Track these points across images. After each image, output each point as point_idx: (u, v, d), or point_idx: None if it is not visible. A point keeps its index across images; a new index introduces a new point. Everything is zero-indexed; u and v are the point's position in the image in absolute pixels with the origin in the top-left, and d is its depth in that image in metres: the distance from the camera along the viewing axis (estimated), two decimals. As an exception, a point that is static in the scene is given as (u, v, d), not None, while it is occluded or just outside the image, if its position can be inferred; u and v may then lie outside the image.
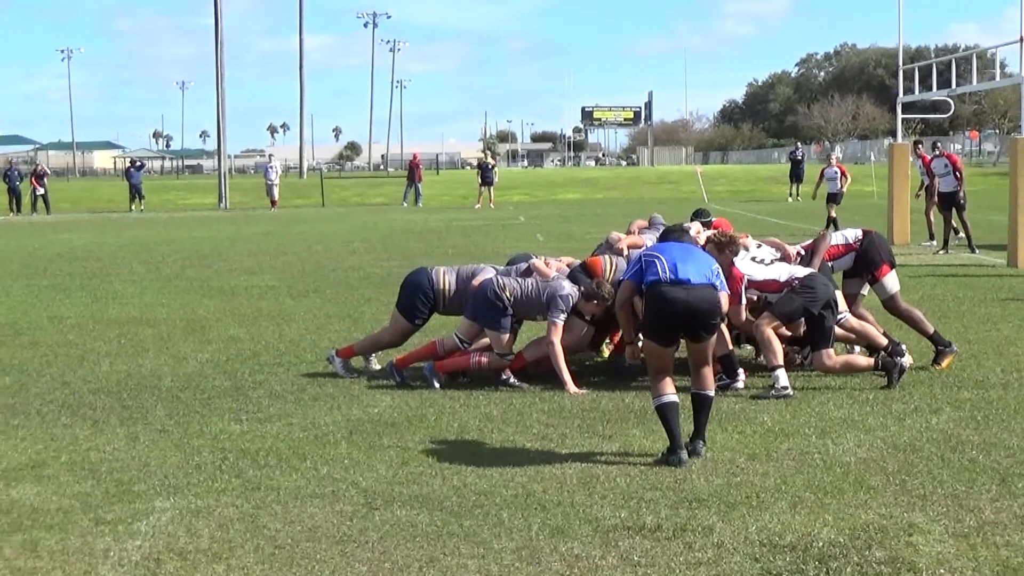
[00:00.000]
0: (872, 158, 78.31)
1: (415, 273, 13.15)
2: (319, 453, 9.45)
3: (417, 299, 12.83)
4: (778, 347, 11.47)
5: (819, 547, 7.04)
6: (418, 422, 10.55)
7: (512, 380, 12.04)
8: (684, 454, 8.99)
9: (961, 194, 27.59)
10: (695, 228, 12.59)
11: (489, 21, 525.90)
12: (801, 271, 11.74)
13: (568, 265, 12.85)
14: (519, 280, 12.21)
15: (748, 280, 11.66)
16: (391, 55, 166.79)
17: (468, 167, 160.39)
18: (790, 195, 57.62)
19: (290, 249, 31.29)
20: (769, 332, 11.46)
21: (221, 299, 19.97)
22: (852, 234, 13.01)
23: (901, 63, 32.94)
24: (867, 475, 8.56)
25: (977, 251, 26.58)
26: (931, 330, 12.72)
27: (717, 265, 9.61)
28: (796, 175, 57.88)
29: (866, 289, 12.97)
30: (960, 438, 9.58)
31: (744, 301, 11.71)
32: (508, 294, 11.99)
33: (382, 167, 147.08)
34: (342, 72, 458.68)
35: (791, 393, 11.19)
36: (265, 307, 18.75)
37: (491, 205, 56.36)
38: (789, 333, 12.03)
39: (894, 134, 31.73)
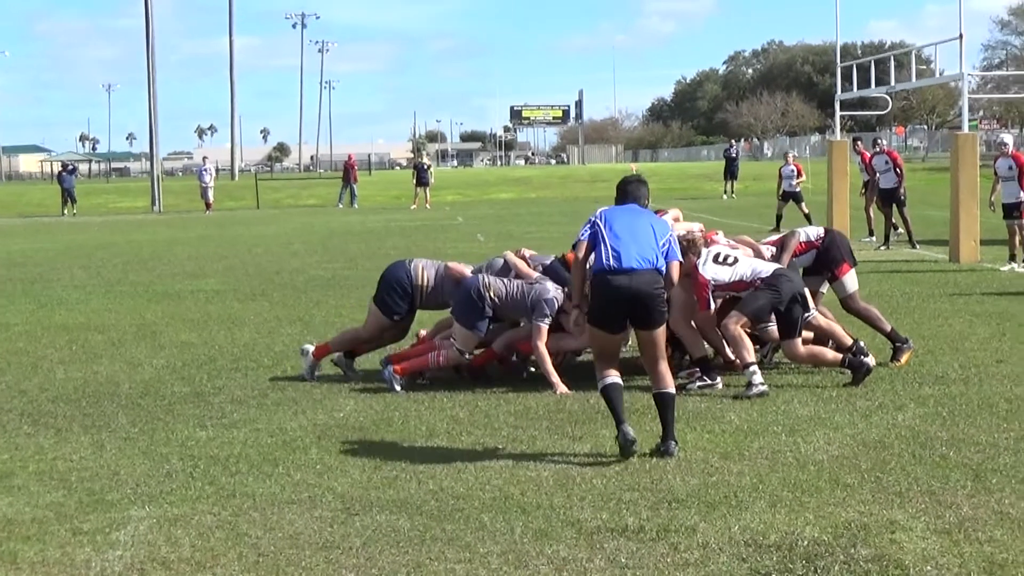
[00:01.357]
0: (808, 154, 78.78)
1: (393, 267, 12.93)
2: (290, 459, 9.39)
3: (394, 293, 12.69)
4: (748, 344, 11.50)
5: (804, 546, 7.07)
6: (385, 426, 10.51)
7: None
8: (628, 428, 9.16)
9: (902, 190, 27.85)
10: (672, 214, 12.63)
11: (415, 21, 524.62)
12: (766, 268, 11.72)
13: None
14: (505, 281, 12.13)
15: (716, 284, 11.64)
16: (319, 56, 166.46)
17: (398, 167, 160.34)
18: (724, 192, 57.88)
19: (230, 252, 31.07)
20: (737, 329, 11.48)
21: (168, 303, 19.80)
22: (814, 232, 13.09)
23: (839, 61, 33.22)
24: (842, 473, 8.61)
25: (918, 247, 26.81)
26: (888, 327, 12.81)
27: (667, 235, 9.54)
28: (730, 172, 58.10)
29: (825, 287, 13.03)
30: (928, 434, 9.65)
31: (713, 306, 11.72)
32: (492, 294, 11.90)
33: (312, 168, 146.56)
34: (269, 73, 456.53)
35: (767, 390, 11.20)
36: (214, 311, 18.61)
37: (427, 206, 56.22)
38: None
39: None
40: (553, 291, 11.94)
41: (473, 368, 12.37)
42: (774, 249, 12.61)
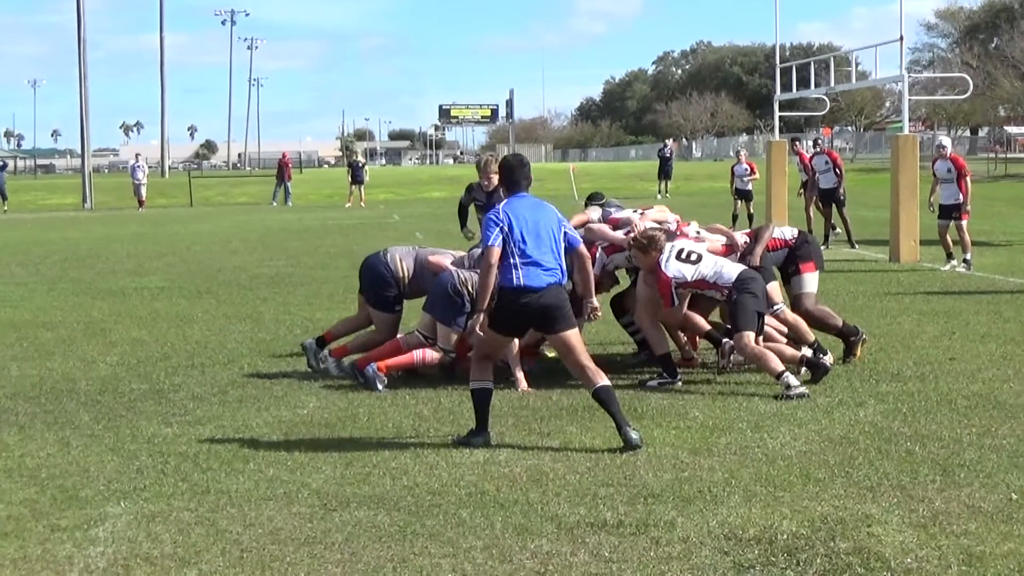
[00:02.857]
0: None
1: (372, 263, 12.86)
2: (260, 455, 9.38)
3: (384, 288, 12.67)
4: (771, 354, 11.47)
5: (784, 539, 7.16)
6: (351, 422, 10.53)
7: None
8: (489, 436, 9.58)
9: (841, 190, 28.12)
10: (636, 215, 12.78)
11: (344, 19, 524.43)
12: (731, 270, 11.74)
13: None
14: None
15: (678, 282, 11.69)
16: (248, 53, 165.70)
17: (327, 165, 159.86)
18: (659, 192, 58.13)
19: (169, 250, 30.89)
20: (754, 347, 11.45)
21: (113, 301, 19.68)
22: (789, 232, 13.12)
23: (778, 62, 33.49)
24: (811, 468, 8.71)
25: (857, 246, 27.06)
26: (839, 323, 12.83)
27: (562, 225, 9.78)
28: (664, 172, 58.45)
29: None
30: (892, 430, 9.78)
31: (677, 303, 11.80)
32: (471, 288, 11.87)
33: (240, 166, 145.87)
34: (196, 70, 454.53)
35: (806, 392, 11.13)
36: (161, 309, 18.52)
37: (362, 204, 56.10)
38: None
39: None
40: None
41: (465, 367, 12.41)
42: (747, 239, 12.61)
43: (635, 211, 13.06)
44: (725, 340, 12.09)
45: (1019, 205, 42.92)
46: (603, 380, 9.52)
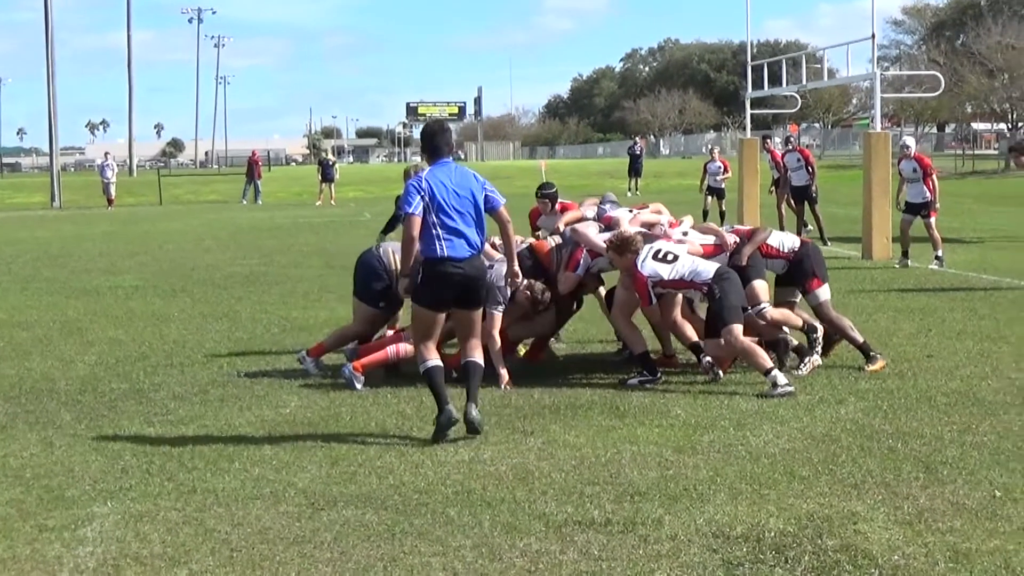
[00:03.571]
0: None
1: (365, 256, 12.82)
2: (245, 454, 9.37)
3: (372, 282, 12.61)
4: (760, 350, 11.52)
5: (771, 537, 7.20)
6: (334, 421, 10.53)
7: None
8: (452, 409, 9.64)
9: (814, 187, 28.24)
10: (654, 207, 12.93)
11: (310, 16, 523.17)
12: (707, 269, 11.75)
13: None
14: None
15: (654, 281, 11.73)
16: (215, 51, 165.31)
17: (294, 163, 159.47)
18: (629, 189, 58.22)
19: (141, 248, 30.78)
20: (743, 341, 11.49)
21: (88, 300, 19.62)
22: (790, 242, 12.89)
23: (750, 59, 33.56)
24: (795, 466, 8.76)
25: (829, 243, 27.15)
26: (860, 339, 12.52)
27: (483, 188, 9.93)
28: (635, 169, 58.58)
29: (798, 297, 12.90)
30: (873, 428, 9.84)
31: (654, 301, 11.85)
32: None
33: (207, 164, 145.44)
34: (161, 68, 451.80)
35: (793, 390, 11.17)
36: (136, 308, 18.47)
37: (332, 202, 56.02)
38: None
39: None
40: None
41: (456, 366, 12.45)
42: (737, 238, 12.56)
43: (630, 210, 13.10)
44: (704, 356, 12.06)
45: (987, 202, 43.17)
46: (479, 358, 9.98)
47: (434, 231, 9.65)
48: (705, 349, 11.98)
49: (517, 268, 10.44)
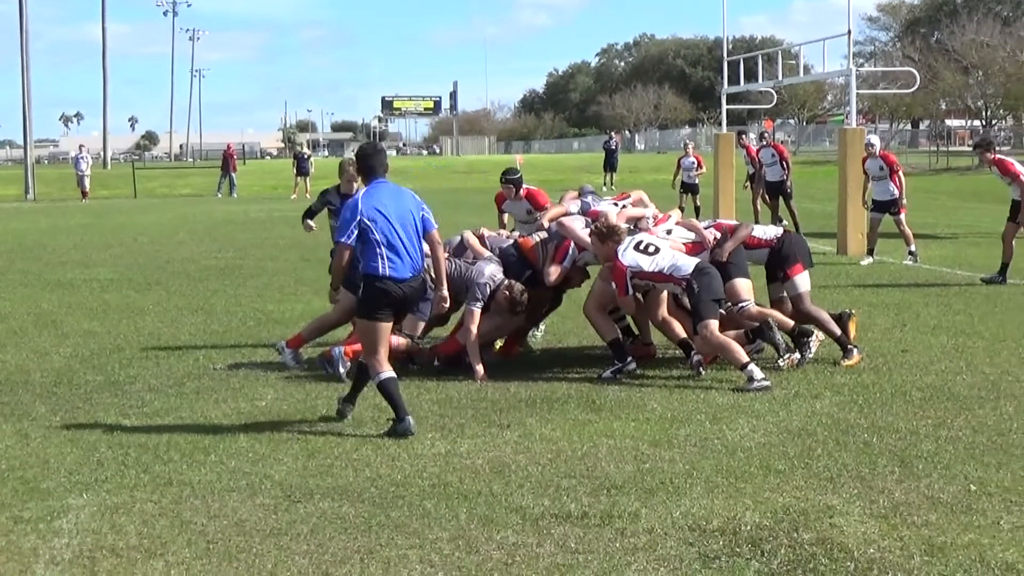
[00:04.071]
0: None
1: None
2: (220, 447, 9.36)
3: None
4: (735, 345, 11.59)
5: (747, 531, 7.23)
6: (310, 414, 10.53)
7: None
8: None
9: (789, 183, 28.29)
10: (636, 196, 12.97)
11: (285, 10, 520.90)
12: (687, 264, 11.77)
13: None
14: (448, 260, 12.08)
15: (634, 272, 11.75)
16: (190, 44, 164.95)
17: (269, 157, 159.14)
18: (604, 184, 58.20)
19: (115, 241, 30.65)
20: (718, 337, 11.54)
21: (62, 292, 19.55)
22: (772, 231, 12.96)
23: (726, 55, 33.59)
24: (771, 460, 8.79)
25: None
26: (837, 332, 12.66)
27: (421, 210, 10.07)
28: (610, 164, 58.55)
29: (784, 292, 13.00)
30: (848, 422, 9.88)
31: (631, 292, 11.87)
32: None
33: (181, 157, 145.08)
34: (136, 61, 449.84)
35: (769, 385, 11.21)
36: (112, 300, 18.41)
37: (307, 195, 55.76)
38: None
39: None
40: (488, 276, 12.07)
41: (446, 356, 12.44)
42: (719, 234, 12.57)
43: (614, 203, 13.12)
44: (695, 354, 12.06)
45: (961, 198, 43.34)
46: (389, 369, 10.02)
47: (377, 249, 9.78)
48: (695, 347, 12.00)
49: (445, 292, 10.50)
